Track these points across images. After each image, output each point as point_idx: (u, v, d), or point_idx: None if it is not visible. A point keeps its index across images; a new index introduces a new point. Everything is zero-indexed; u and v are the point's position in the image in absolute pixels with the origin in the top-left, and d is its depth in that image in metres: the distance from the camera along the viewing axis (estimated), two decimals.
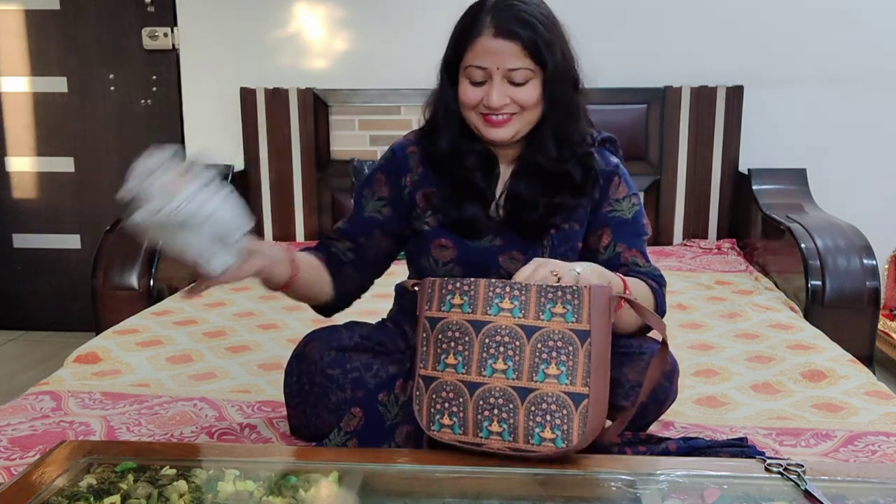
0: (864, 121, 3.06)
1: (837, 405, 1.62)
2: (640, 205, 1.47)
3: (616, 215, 1.44)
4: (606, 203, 1.44)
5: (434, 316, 1.19)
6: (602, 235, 1.43)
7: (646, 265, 1.43)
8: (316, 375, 1.38)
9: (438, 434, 1.17)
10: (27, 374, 2.97)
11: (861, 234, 2.39)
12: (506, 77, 1.32)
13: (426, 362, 1.20)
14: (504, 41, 1.30)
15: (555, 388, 1.12)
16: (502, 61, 1.31)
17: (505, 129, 1.36)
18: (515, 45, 1.30)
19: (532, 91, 1.33)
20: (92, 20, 3.30)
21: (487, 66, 1.32)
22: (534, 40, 1.30)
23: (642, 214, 1.47)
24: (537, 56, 1.31)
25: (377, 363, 1.39)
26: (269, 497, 1.05)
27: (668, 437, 1.39)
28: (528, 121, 1.37)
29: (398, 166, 1.48)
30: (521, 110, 1.35)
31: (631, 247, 1.43)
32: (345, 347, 1.40)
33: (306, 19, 3.18)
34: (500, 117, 1.35)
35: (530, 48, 1.30)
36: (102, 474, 1.11)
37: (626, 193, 1.45)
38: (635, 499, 1.06)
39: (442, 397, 1.17)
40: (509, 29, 1.30)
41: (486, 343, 1.15)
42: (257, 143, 3.15)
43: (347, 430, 1.35)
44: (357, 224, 1.48)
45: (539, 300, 1.15)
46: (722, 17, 3.04)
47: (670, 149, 3.05)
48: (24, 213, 3.49)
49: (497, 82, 1.32)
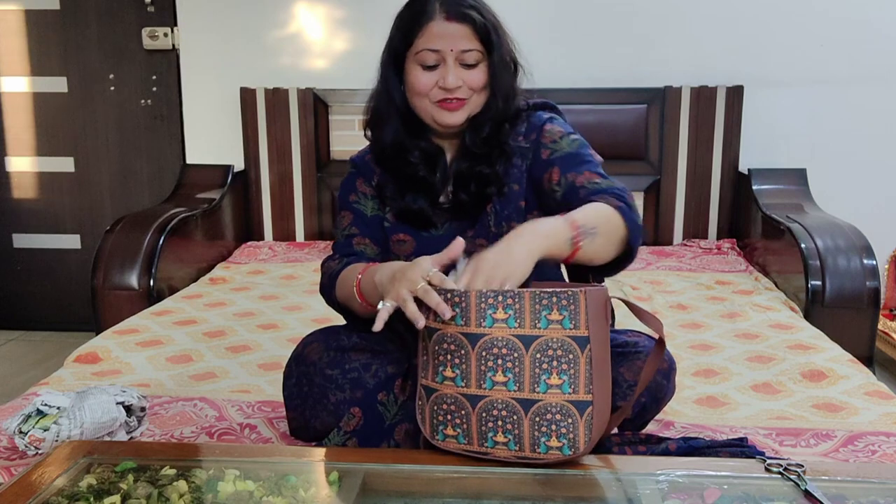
0: (865, 121, 3.06)
1: (837, 405, 1.62)
2: (580, 139, 1.44)
3: (557, 154, 1.40)
4: (542, 149, 1.42)
5: (430, 325, 1.15)
6: (551, 175, 1.39)
7: (604, 182, 1.36)
8: (315, 376, 1.38)
9: (443, 444, 1.16)
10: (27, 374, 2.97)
11: (861, 234, 2.39)
12: (458, 59, 1.35)
13: (426, 372, 1.18)
14: (456, 24, 1.35)
15: (558, 399, 1.11)
16: (455, 43, 1.35)
17: (459, 112, 1.39)
18: (467, 27, 1.35)
19: (481, 73, 1.38)
20: (92, 20, 3.30)
21: (441, 49, 1.35)
22: (483, 24, 1.35)
23: (587, 146, 1.43)
24: (486, 38, 1.36)
25: (376, 363, 1.38)
26: (269, 497, 1.05)
27: (668, 437, 1.39)
28: (476, 104, 1.40)
29: (365, 172, 1.50)
30: (472, 94, 1.38)
31: (581, 173, 1.37)
32: (343, 348, 1.40)
33: (306, 19, 3.18)
34: (454, 101, 1.37)
35: (481, 31, 1.35)
36: (102, 474, 1.11)
37: (563, 133, 1.43)
38: (635, 499, 1.06)
39: (443, 409, 1.15)
40: (460, 12, 1.35)
41: (484, 356, 1.12)
42: (257, 143, 3.15)
43: (347, 429, 1.35)
44: (368, 226, 1.47)
45: (533, 307, 1.11)
46: (722, 17, 3.04)
47: (670, 149, 3.05)
48: (24, 213, 3.49)
49: (451, 64, 1.35)
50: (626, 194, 1.33)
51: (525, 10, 3.00)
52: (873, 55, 3.02)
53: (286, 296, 2.47)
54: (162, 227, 2.55)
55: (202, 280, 2.66)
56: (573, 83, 3.01)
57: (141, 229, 2.52)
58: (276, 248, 3.07)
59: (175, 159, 3.34)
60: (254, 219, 3.21)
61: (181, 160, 3.31)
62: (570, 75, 3.03)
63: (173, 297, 2.44)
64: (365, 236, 1.46)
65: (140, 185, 3.41)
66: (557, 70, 3.03)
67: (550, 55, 3.04)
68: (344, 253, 1.45)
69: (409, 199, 1.44)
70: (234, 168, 3.11)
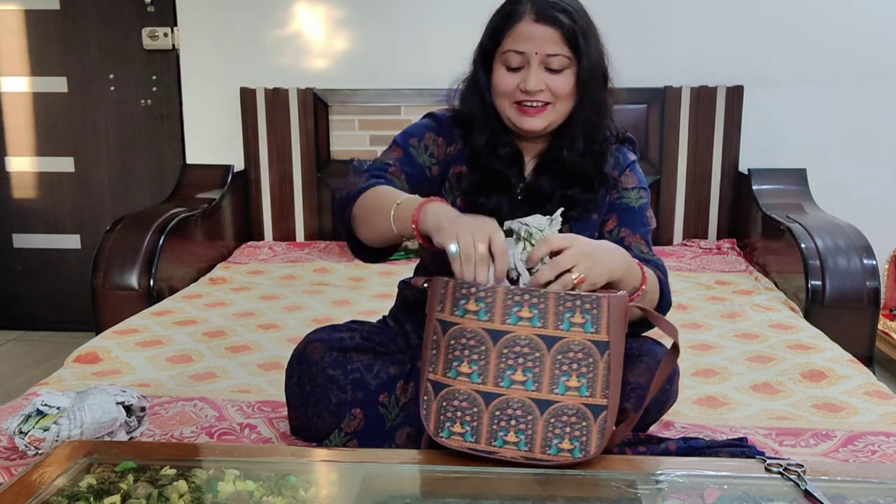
0: (864, 121, 3.06)
1: (837, 405, 1.62)
2: (647, 199, 1.49)
3: (623, 202, 1.46)
4: (616, 192, 1.46)
5: (446, 319, 1.12)
6: (608, 220, 1.45)
7: (649, 254, 1.43)
8: (317, 376, 1.37)
9: (447, 441, 1.13)
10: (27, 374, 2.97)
11: (861, 234, 2.39)
12: (543, 63, 1.34)
13: (436, 367, 1.14)
14: (544, 26, 1.32)
15: (575, 401, 1.11)
16: (542, 46, 1.33)
17: (539, 118, 1.37)
18: (555, 31, 1.32)
19: (567, 80, 1.35)
20: (92, 20, 3.30)
21: (526, 51, 1.33)
22: (573, 28, 1.33)
23: (647, 208, 1.49)
24: (575, 44, 1.33)
25: (378, 364, 1.38)
26: (269, 497, 1.05)
27: (668, 437, 1.39)
28: (560, 112, 1.38)
29: (446, 134, 1.47)
30: (555, 100, 1.36)
31: (635, 233, 1.44)
32: (346, 348, 1.39)
33: (306, 19, 3.18)
34: (534, 105, 1.35)
35: (569, 36, 1.33)
36: (102, 474, 1.11)
37: (636, 185, 1.47)
38: (635, 499, 1.06)
39: (454, 406, 1.12)
40: (550, 15, 1.33)
41: (505, 353, 1.11)
42: (257, 143, 3.15)
43: (348, 430, 1.35)
44: (411, 167, 1.43)
45: (557, 308, 1.11)
46: (722, 17, 3.04)
47: (670, 149, 3.05)
48: (24, 213, 3.49)
49: (534, 67, 1.34)
50: (666, 271, 1.40)
51: None
52: (873, 55, 3.02)
53: (286, 296, 2.47)
54: (162, 227, 2.55)
55: (202, 280, 2.66)
56: None
57: (141, 229, 2.52)
58: (276, 248, 3.07)
59: (175, 159, 3.34)
60: (254, 219, 3.20)
61: (181, 160, 3.31)
62: None
63: (173, 297, 2.44)
64: (403, 173, 1.42)
65: (140, 185, 3.41)
66: None
67: None
68: (375, 175, 1.40)
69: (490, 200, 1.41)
70: (234, 168, 3.11)
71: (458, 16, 3.03)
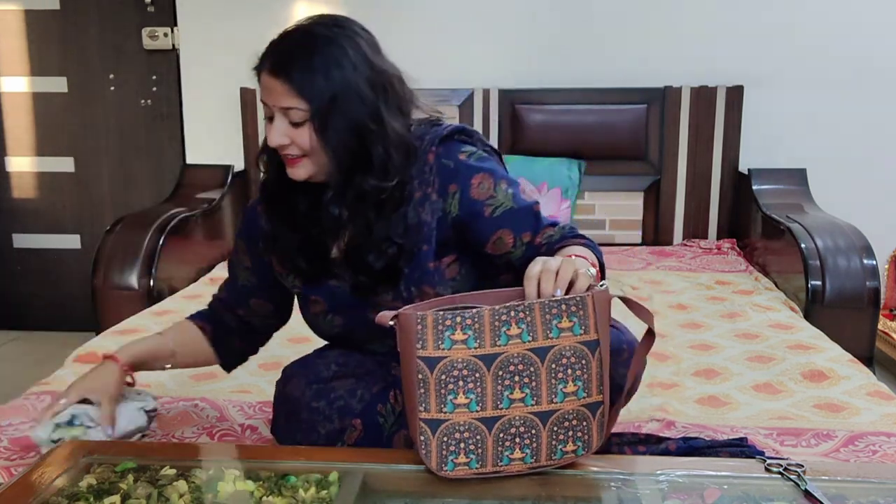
0: (864, 121, 3.06)
1: (838, 405, 1.62)
2: (511, 183, 1.33)
3: (499, 211, 1.29)
4: (484, 207, 1.29)
5: (431, 356, 1.08)
6: (503, 237, 1.30)
7: (558, 230, 1.30)
8: (301, 411, 1.35)
9: (452, 473, 1.10)
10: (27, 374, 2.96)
11: (861, 234, 2.39)
12: (286, 116, 1.23)
13: (427, 405, 1.09)
14: (275, 79, 1.22)
15: (574, 405, 1.11)
16: (277, 99, 1.23)
17: (298, 168, 1.26)
18: (283, 83, 1.22)
19: (306, 133, 1.23)
20: (92, 20, 3.30)
21: (269, 103, 1.24)
22: (301, 80, 1.21)
23: (517, 186, 1.33)
24: (307, 95, 1.21)
25: (360, 387, 1.35)
26: (269, 497, 1.05)
27: (668, 437, 1.39)
28: (319, 163, 1.26)
29: (251, 229, 1.42)
30: (306, 152, 1.25)
31: (536, 230, 1.30)
32: (324, 379, 1.37)
33: None
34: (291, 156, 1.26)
35: (297, 88, 1.21)
36: (102, 474, 1.11)
37: (492, 182, 1.30)
38: (635, 499, 1.06)
39: (455, 438, 1.09)
40: (279, 65, 1.23)
41: (500, 376, 1.09)
42: (257, 144, 3.14)
43: (349, 442, 1.34)
44: (233, 293, 1.48)
45: (544, 317, 1.09)
46: (722, 17, 3.04)
47: (670, 149, 3.05)
48: (24, 213, 3.49)
49: (277, 121, 1.24)
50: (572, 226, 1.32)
51: (525, 11, 3.00)
52: (873, 55, 3.02)
53: None
54: (162, 227, 2.55)
55: (202, 280, 2.66)
56: (573, 83, 3.00)
57: (141, 229, 2.52)
58: None
59: (175, 159, 3.34)
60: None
61: (181, 160, 3.31)
62: (570, 75, 3.02)
63: (173, 297, 2.44)
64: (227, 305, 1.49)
65: (140, 185, 3.41)
66: (557, 70, 3.03)
67: (551, 55, 3.03)
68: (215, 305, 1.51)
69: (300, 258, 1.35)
70: (234, 168, 3.11)
71: (457, 16, 3.03)
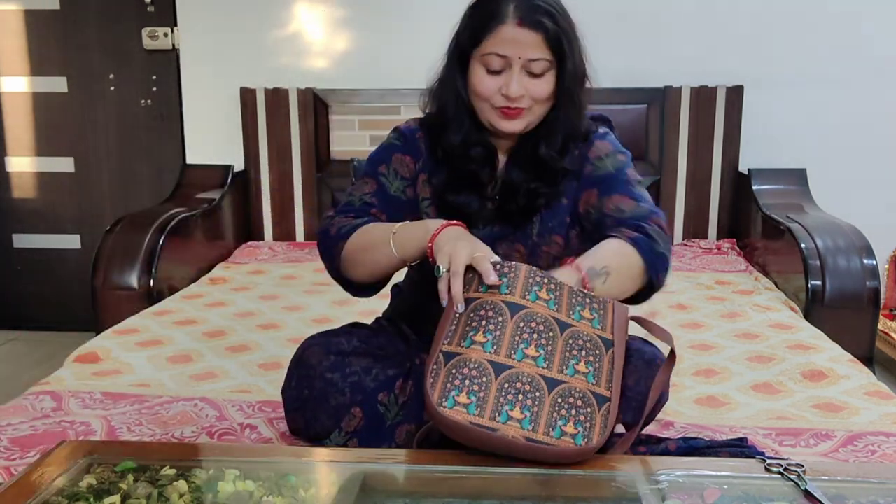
0: (864, 121, 3.06)
1: (838, 405, 1.62)
2: (625, 158, 1.44)
3: (598, 173, 1.41)
4: (587, 165, 1.42)
5: (470, 297, 1.15)
6: (590, 196, 1.40)
7: (630, 208, 1.36)
8: (315, 380, 1.37)
9: (450, 412, 1.07)
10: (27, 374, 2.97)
11: (861, 234, 2.39)
12: (524, 68, 1.31)
13: (451, 339, 1.13)
14: (528, 31, 1.29)
15: (583, 385, 1.13)
16: (524, 51, 1.30)
17: (518, 121, 1.35)
18: (538, 35, 1.29)
19: (548, 84, 1.33)
20: (92, 20, 3.30)
21: (508, 55, 1.31)
22: (556, 33, 1.30)
23: (628, 166, 1.43)
24: (558, 49, 1.31)
25: (377, 367, 1.38)
26: (269, 497, 1.05)
27: (668, 437, 1.39)
28: (538, 114, 1.37)
29: (412, 149, 1.46)
30: (533, 104, 1.34)
31: (614, 194, 1.38)
32: (344, 352, 1.39)
33: (306, 19, 3.18)
34: (514, 110, 1.34)
35: (552, 40, 1.30)
36: (102, 474, 1.11)
37: (610, 150, 1.43)
38: (635, 499, 1.06)
39: (463, 374, 1.09)
40: (534, 19, 1.29)
41: (521, 327, 1.13)
42: (257, 143, 3.15)
43: (348, 430, 1.35)
44: (385, 202, 1.43)
45: (570, 300, 1.17)
46: (722, 17, 3.04)
47: (670, 149, 3.05)
48: (24, 213, 3.49)
49: (516, 72, 1.31)
50: (649, 222, 1.32)
51: None
52: (873, 55, 3.02)
53: (286, 296, 2.47)
54: (162, 227, 2.55)
55: (202, 280, 2.66)
56: None
57: (141, 229, 2.52)
58: (276, 248, 3.07)
59: (175, 159, 3.34)
60: (254, 219, 3.20)
61: (181, 160, 3.31)
62: None
63: (173, 297, 2.44)
64: (383, 212, 1.42)
65: (140, 185, 3.41)
66: None
67: None
68: (360, 215, 1.40)
69: (461, 197, 1.41)
70: (234, 168, 3.12)
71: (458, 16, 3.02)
